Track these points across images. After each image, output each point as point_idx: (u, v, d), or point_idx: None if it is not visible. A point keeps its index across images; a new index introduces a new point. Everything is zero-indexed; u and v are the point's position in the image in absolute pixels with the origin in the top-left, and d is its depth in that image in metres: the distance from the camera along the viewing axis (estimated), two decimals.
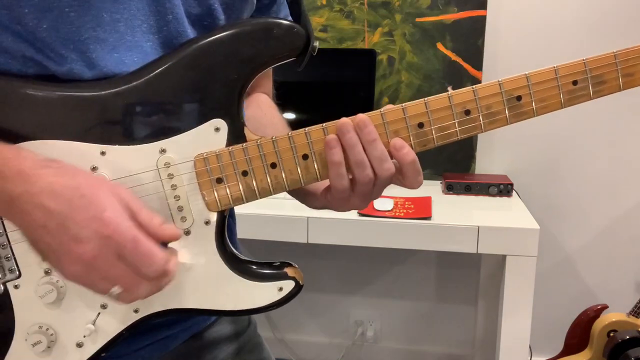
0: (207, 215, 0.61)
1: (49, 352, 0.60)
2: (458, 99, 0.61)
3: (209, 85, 0.60)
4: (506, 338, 1.66)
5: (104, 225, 0.51)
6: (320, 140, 0.61)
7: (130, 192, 0.56)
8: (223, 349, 0.79)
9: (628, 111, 2.02)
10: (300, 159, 0.61)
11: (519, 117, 0.62)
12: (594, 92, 0.63)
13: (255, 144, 0.61)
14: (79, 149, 0.58)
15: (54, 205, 0.51)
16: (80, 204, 0.51)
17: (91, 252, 0.51)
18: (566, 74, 0.62)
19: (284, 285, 0.63)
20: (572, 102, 0.62)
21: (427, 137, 0.62)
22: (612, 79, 0.62)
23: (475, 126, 0.62)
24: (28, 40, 0.57)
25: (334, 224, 1.67)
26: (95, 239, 0.51)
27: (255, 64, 0.61)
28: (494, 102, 0.62)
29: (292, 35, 0.61)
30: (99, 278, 0.53)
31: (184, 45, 0.61)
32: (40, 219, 0.52)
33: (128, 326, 0.61)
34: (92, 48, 0.58)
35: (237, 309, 0.63)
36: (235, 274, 0.63)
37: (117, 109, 0.59)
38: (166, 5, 0.61)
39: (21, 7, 0.55)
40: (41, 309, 0.59)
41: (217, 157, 0.60)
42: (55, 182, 0.52)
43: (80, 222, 0.51)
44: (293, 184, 0.62)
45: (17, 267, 0.59)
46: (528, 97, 0.62)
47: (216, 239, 0.62)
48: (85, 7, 0.57)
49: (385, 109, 0.61)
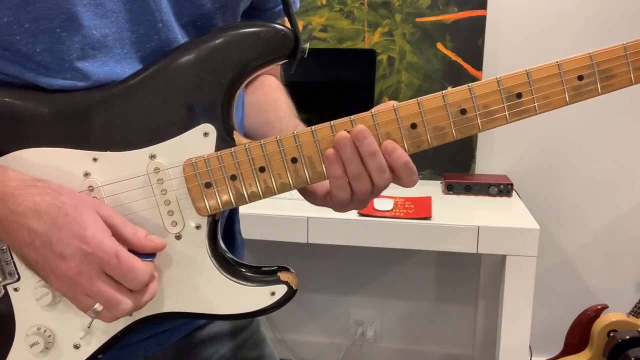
0: (197, 220, 0.61)
1: (47, 353, 0.61)
2: (453, 98, 0.59)
3: (198, 90, 0.60)
4: (506, 338, 1.66)
5: (86, 243, 0.53)
6: (309, 143, 0.60)
7: (112, 209, 0.58)
8: (225, 344, 0.79)
9: (628, 111, 2.02)
10: (289, 163, 0.61)
11: (520, 115, 0.59)
12: (602, 87, 0.59)
13: (244, 148, 0.60)
14: (71, 156, 0.59)
15: (38, 225, 0.53)
16: (64, 223, 0.53)
17: (75, 269, 0.53)
18: (571, 69, 0.58)
19: (276, 289, 0.63)
20: (578, 98, 0.59)
21: (420, 138, 0.60)
22: (622, 73, 0.58)
23: (472, 126, 0.60)
24: (20, 63, 0.58)
25: (334, 224, 1.67)
26: (78, 256, 0.53)
27: (244, 69, 0.61)
28: (492, 100, 0.59)
29: (280, 39, 0.61)
30: (82, 294, 0.55)
31: (173, 52, 0.61)
32: (26, 238, 0.54)
33: (123, 329, 0.62)
34: (81, 65, 0.59)
35: (229, 313, 0.63)
36: (227, 278, 0.62)
37: (108, 116, 0.59)
38: (155, 14, 0.61)
39: (12, 35, 0.56)
40: (39, 311, 0.60)
41: (206, 161, 0.60)
42: (39, 202, 0.54)
43: (63, 240, 0.53)
44: (282, 188, 0.62)
45: (16, 271, 0.60)
46: (529, 94, 0.59)
47: (208, 243, 0.62)
48: (75, 27, 0.57)
49: (377, 110, 0.60)
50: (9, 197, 0.54)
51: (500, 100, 0.59)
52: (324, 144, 0.60)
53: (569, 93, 0.59)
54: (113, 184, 0.60)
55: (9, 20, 0.56)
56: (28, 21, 0.56)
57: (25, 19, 0.56)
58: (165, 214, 0.61)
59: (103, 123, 0.59)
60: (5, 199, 0.54)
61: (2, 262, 0.60)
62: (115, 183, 0.60)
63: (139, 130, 0.60)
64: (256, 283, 0.63)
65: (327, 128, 0.60)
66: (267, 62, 0.62)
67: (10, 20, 0.56)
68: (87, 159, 0.59)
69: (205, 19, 0.64)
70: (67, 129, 0.59)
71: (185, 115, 0.60)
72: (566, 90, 0.59)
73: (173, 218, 0.61)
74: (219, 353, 0.79)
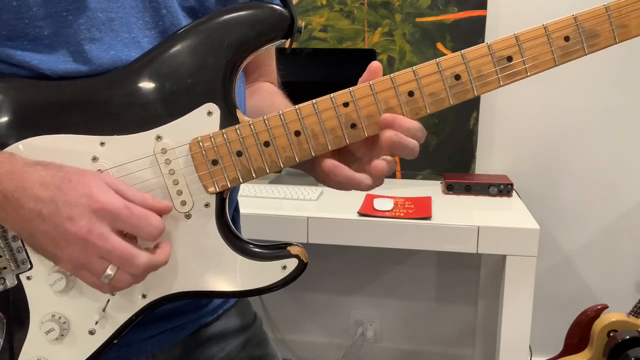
0: (206, 198, 0.63)
1: (62, 340, 0.61)
2: (446, 64, 0.61)
3: (200, 71, 0.62)
4: (506, 338, 1.66)
5: (94, 200, 0.54)
6: (311, 115, 0.62)
7: (116, 178, 0.59)
8: (230, 342, 0.80)
9: (628, 111, 2.02)
10: (293, 136, 0.62)
11: (511, 78, 0.62)
12: (587, 47, 0.61)
13: (248, 124, 0.62)
14: (79, 141, 0.60)
15: (45, 193, 0.54)
16: (68, 187, 0.54)
17: (85, 227, 0.53)
18: (556, 30, 0.61)
19: (287, 263, 0.64)
20: (566, 59, 0.62)
21: (418, 105, 0.62)
22: (605, 31, 0.61)
23: (467, 90, 0.62)
24: (26, 49, 0.59)
25: (334, 224, 1.67)
26: (87, 214, 0.53)
27: (242, 48, 0.63)
28: (484, 63, 0.61)
29: (276, 18, 0.63)
30: (95, 256, 0.54)
31: (173, 35, 0.63)
32: (34, 208, 0.54)
33: (137, 311, 0.62)
34: (87, 48, 0.61)
35: (242, 289, 0.64)
36: (238, 255, 0.63)
37: (113, 100, 0.61)
38: (159, 0, 0.63)
39: (21, 19, 0.58)
40: (53, 298, 0.61)
41: (211, 139, 0.62)
42: (44, 175, 0.55)
43: (70, 201, 0.53)
44: (287, 162, 0.63)
45: (28, 259, 0.61)
46: (519, 56, 0.61)
47: (217, 221, 0.63)
48: (80, 9, 0.59)
49: (374, 80, 0.62)
50: (16, 174, 0.55)
51: (492, 64, 0.61)
52: (325, 115, 0.62)
53: (557, 54, 0.61)
54: (121, 166, 0.61)
55: (17, 3, 0.57)
56: (36, 5, 0.58)
57: (33, 2, 0.58)
58: (174, 194, 0.62)
59: (108, 108, 0.61)
60: (12, 176, 0.55)
61: (14, 251, 0.60)
62: (123, 165, 0.61)
63: (144, 113, 0.61)
64: (267, 258, 0.64)
65: (327, 100, 0.62)
66: (265, 42, 0.64)
67: (19, 3, 0.57)
68: (94, 144, 0.61)
69: (205, 9, 0.67)
70: (74, 115, 0.60)
71: (188, 95, 0.62)
72: (554, 51, 0.61)
73: (182, 197, 0.62)
74: (225, 351, 0.79)
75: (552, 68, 0.62)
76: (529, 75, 0.62)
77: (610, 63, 1.98)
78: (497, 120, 2.10)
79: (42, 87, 0.60)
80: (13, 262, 0.61)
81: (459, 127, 2.08)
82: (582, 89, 2.02)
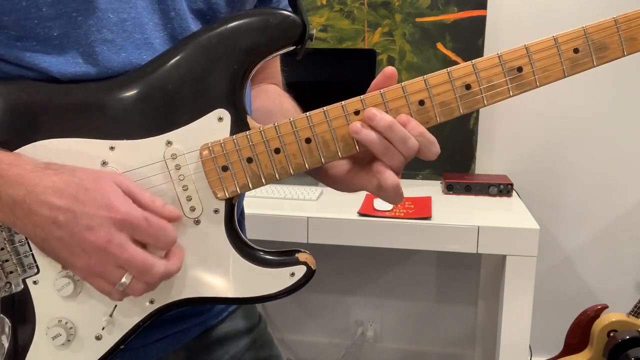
0: (215, 204, 0.62)
1: (68, 346, 0.61)
2: (457, 73, 0.61)
3: (211, 76, 0.62)
4: (506, 338, 1.66)
5: (115, 211, 0.54)
6: (322, 123, 0.62)
7: (129, 179, 0.59)
8: (235, 344, 0.80)
9: (628, 111, 2.02)
10: (303, 143, 0.62)
11: (521, 89, 0.62)
12: (596, 59, 0.62)
13: (258, 130, 0.62)
14: (89, 145, 0.60)
15: (60, 201, 0.53)
16: (86, 197, 0.54)
17: (104, 237, 0.53)
18: (566, 41, 0.61)
19: (295, 270, 0.63)
20: (575, 70, 0.62)
21: (428, 114, 0.62)
22: (614, 44, 0.62)
23: (477, 100, 0.62)
24: (36, 51, 0.59)
25: (334, 224, 1.68)
26: (107, 224, 0.53)
27: (254, 54, 0.62)
28: (495, 74, 0.62)
29: (288, 24, 0.63)
30: (113, 265, 0.54)
31: (185, 40, 0.63)
32: (49, 215, 0.53)
33: (144, 317, 0.62)
34: (98, 50, 0.60)
35: (251, 296, 0.64)
36: (247, 262, 0.63)
37: (123, 104, 0.60)
38: (167, 2, 0.63)
39: (30, 19, 0.57)
40: (60, 303, 0.61)
41: (222, 145, 0.62)
42: (57, 181, 0.54)
43: (89, 212, 0.53)
44: (298, 168, 0.63)
45: (35, 263, 0.60)
46: (529, 67, 0.61)
47: (226, 227, 0.63)
48: (90, 10, 0.59)
49: (386, 89, 0.62)
50: (25, 178, 0.54)
51: (502, 74, 0.62)
52: (336, 123, 0.62)
53: (566, 65, 0.62)
54: (131, 171, 0.61)
55: (27, 4, 0.57)
56: (46, 5, 0.57)
57: (43, 2, 0.57)
58: (184, 200, 0.62)
59: (118, 112, 0.60)
60: (22, 181, 0.54)
61: (21, 255, 0.60)
62: (133, 170, 0.61)
63: (154, 118, 0.61)
64: (275, 265, 0.64)
65: (338, 108, 0.62)
66: (276, 48, 0.63)
67: (29, 3, 0.57)
68: (104, 148, 0.60)
69: (213, 12, 0.66)
70: (83, 119, 0.60)
71: (199, 101, 0.61)
72: (563, 62, 0.62)
73: (191, 203, 0.62)
74: (230, 353, 0.79)
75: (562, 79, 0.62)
76: (539, 86, 0.62)
77: (611, 64, 1.98)
78: (497, 120, 2.10)
79: (51, 90, 0.59)
80: (20, 266, 0.60)
81: (458, 127, 2.08)
82: (582, 89, 2.02)
